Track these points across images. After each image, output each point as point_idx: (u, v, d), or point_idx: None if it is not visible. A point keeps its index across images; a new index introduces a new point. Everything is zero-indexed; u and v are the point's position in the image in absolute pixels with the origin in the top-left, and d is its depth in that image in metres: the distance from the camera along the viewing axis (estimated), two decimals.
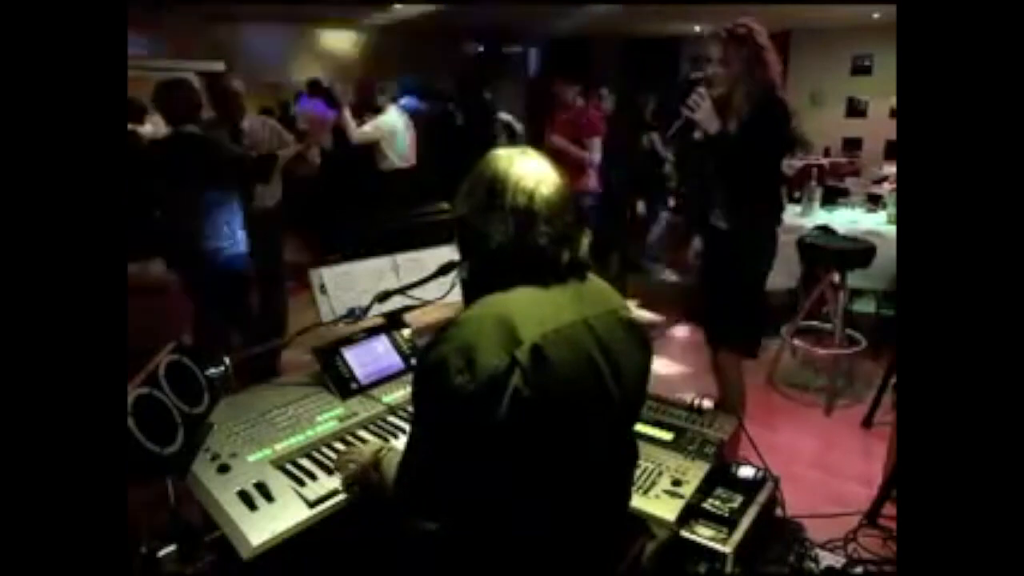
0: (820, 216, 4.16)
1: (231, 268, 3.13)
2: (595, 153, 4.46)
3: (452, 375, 1.03)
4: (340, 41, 9.43)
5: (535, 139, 5.74)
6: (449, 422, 1.08)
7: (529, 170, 1.15)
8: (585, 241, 1.19)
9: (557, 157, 1.21)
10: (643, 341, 1.25)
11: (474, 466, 1.09)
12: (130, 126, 5.97)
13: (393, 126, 4.83)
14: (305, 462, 1.51)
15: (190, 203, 3.04)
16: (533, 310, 1.09)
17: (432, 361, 1.08)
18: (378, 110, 4.84)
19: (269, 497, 1.36)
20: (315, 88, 6.58)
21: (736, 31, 2.37)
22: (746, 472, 1.76)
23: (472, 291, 1.19)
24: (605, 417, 1.17)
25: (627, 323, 1.22)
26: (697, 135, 2.46)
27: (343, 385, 1.78)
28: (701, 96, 2.39)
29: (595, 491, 1.21)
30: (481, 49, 10.33)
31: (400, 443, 1.43)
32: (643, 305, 2.13)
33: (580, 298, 1.17)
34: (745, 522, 1.59)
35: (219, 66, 8.47)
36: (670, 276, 5.65)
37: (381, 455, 1.37)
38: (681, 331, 4.33)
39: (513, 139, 6.43)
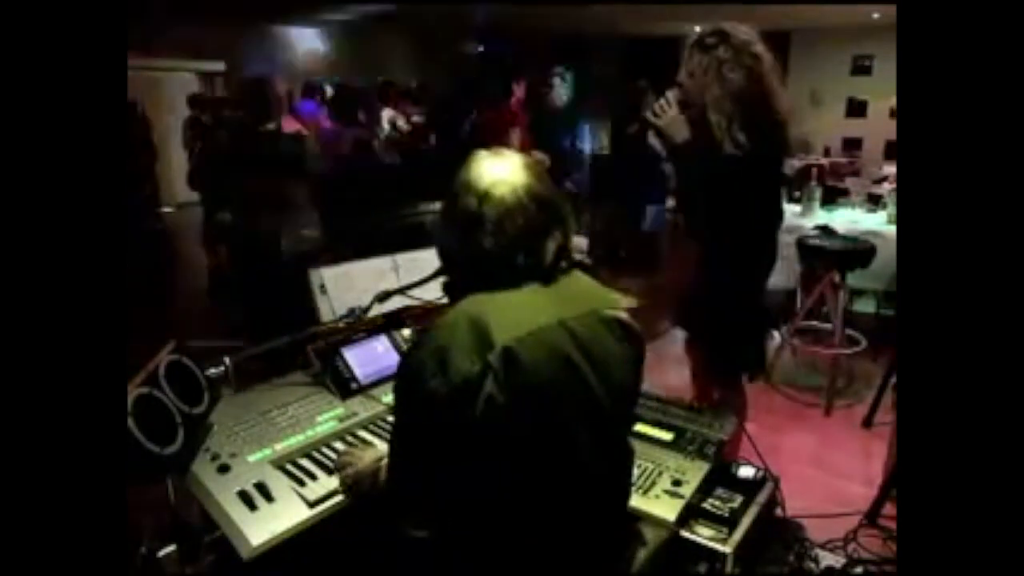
0: (820, 216, 4.15)
1: (304, 256, 3.26)
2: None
3: (427, 378, 1.04)
4: (338, 41, 9.43)
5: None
6: (426, 425, 1.08)
7: (488, 171, 1.13)
8: (551, 244, 1.14)
9: None
10: (631, 339, 1.22)
11: (454, 470, 1.09)
12: None
13: None
14: (305, 462, 1.51)
15: (275, 195, 3.29)
16: (509, 313, 1.09)
17: (409, 365, 1.09)
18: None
19: (269, 497, 1.35)
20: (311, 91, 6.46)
21: (703, 43, 2.14)
22: (746, 472, 1.75)
23: (450, 296, 1.21)
24: (591, 418, 1.15)
25: (611, 322, 1.19)
26: (654, 142, 2.28)
27: (343, 385, 1.78)
28: (668, 102, 2.21)
29: (588, 493, 1.20)
30: (481, 49, 10.33)
31: None
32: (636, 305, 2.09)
33: (559, 299, 1.15)
34: (745, 522, 1.58)
35: (219, 66, 8.48)
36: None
37: (382, 463, 1.36)
38: (682, 332, 4.32)
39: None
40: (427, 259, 1.94)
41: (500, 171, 1.13)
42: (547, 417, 1.09)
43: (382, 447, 1.56)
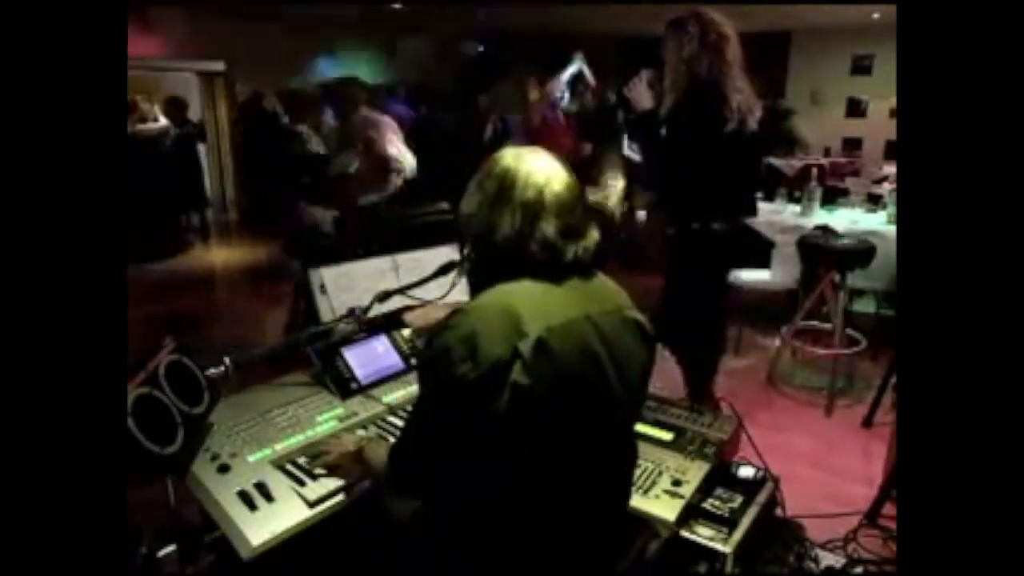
0: (820, 216, 4.15)
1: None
2: None
3: (455, 363, 1.04)
4: (338, 42, 9.42)
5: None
6: (450, 409, 1.09)
7: (539, 166, 1.17)
8: (593, 238, 1.20)
9: None
10: (647, 341, 1.25)
11: (472, 455, 1.10)
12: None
13: None
14: (305, 462, 1.51)
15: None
16: (539, 304, 1.10)
17: (437, 348, 1.10)
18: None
19: (269, 497, 1.35)
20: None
21: (678, 19, 2.39)
22: (746, 472, 1.76)
23: (478, 284, 1.21)
24: (606, 413, 1.18)
25: (632, 322, 1.23)
26: (631, 115, 2.55)
27: (343, 385, 1.78)
28: (639, 78, 2.47)
29: (594, 488, 1.21)
30: (481, 49, 10.31)
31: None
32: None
33: (586, 295, 1.18)
34: (745, 522, 1.59)
35: (219, 66, 8.47)
36: None
37: (363, 443, 1.41)
38: None
39: (505, 141, 6.45)
40: (427, 259, 1.95)
41: (550, 166, 1.18)
42: (567, 408, 1.10)
43: (360, 434, 1.57)
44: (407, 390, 1.82)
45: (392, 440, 1.61)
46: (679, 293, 2.57)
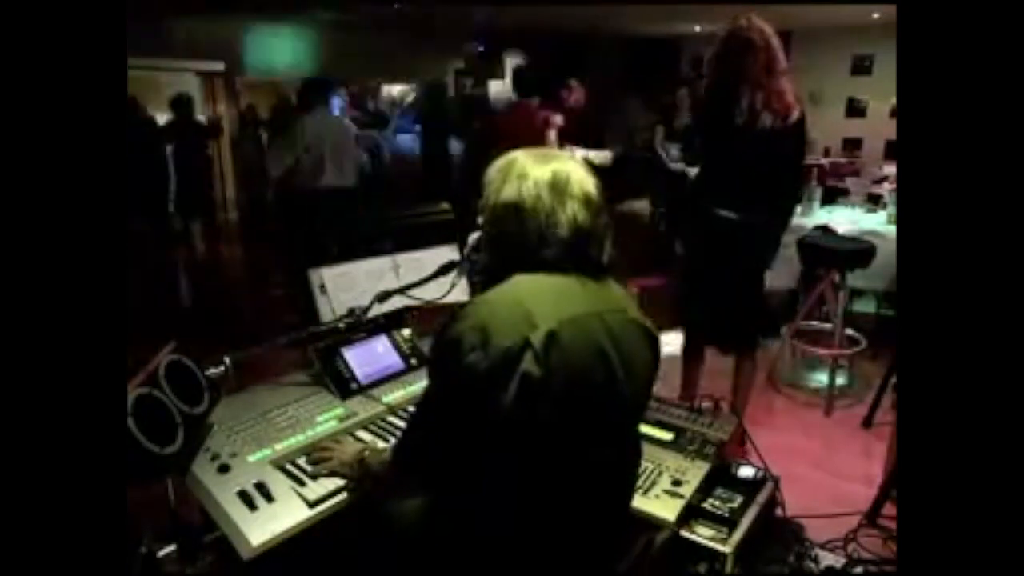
0: (820, 216, 4.15)
1: None
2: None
3: (466, 352, 1.05)
4: (340, 40, 9.42)
5: None
6: (459, 399, 1.09)
7: (574, 165, 1.19)
8: (608, 240, 1.22)
9: None
10: (652, 342, 1.26)
11: (478, 448, 1.10)
12: None
13: None
14: (305, 462, 1.51)
15: None
16: (550, 298, 1.11)
17: (448, 338, 1.10)
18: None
19: (269, 497, 1.36)
20: None
21: (722, 30, 2.53)
22: (746, 472, 1.76)
23: (488, 276, 1.21)
24: (613, 410, 1.18)
25: (637, 324, 1.24)
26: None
27: (343, 385, 1.78)
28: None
29: (598, 487, 1.22)
30: (481, 49, 10.31)
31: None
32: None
33: (597, 293, 1.18)
34: (745, 522, 1.59)
35: (219, 66, 8.47)
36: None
37: (365, 454, 1.41)
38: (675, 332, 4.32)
39: None
40: (427, 259, 1.95)
41: (580, 165, 1.20)
42: (576, 402, 1.11)
43: (362, 444, 1.57)
44: (407, 390, 1.82)
45: (392, 441, 1.61)
46: (691, 281, 2.74)
